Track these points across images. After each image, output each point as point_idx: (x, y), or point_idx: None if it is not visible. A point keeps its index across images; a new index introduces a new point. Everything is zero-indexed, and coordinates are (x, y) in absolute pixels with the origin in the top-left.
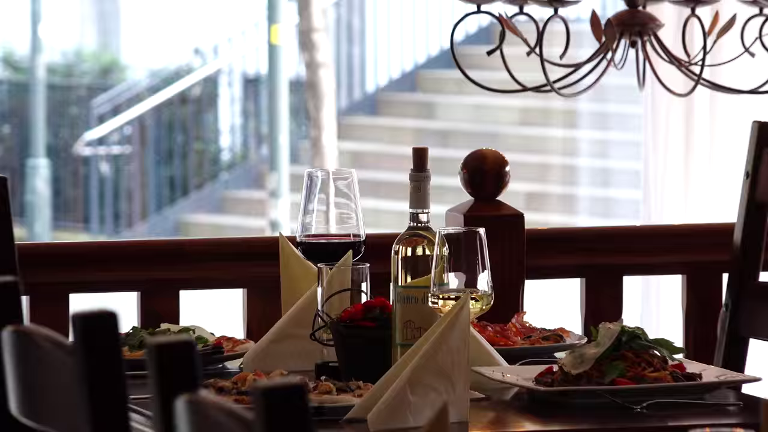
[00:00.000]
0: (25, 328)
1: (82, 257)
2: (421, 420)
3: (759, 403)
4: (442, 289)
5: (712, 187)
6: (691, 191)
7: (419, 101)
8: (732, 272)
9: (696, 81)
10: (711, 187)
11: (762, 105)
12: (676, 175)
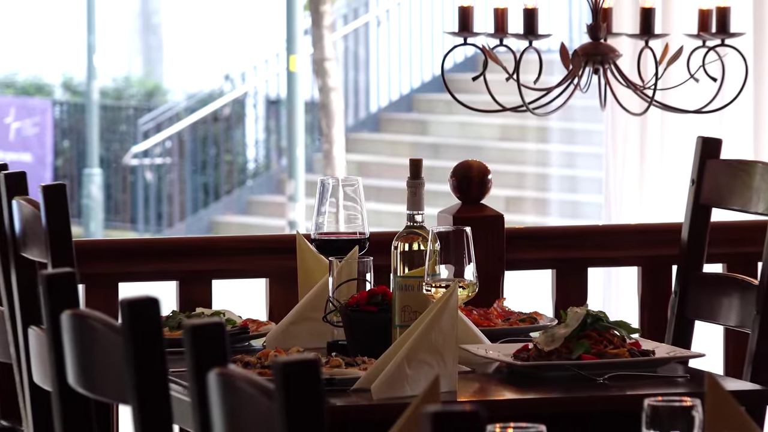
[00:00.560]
0: (80, 311)
1: (130, 252)
2: (416, 390)
3: (703, 375)
4: (434, 279)
5: (663, 192)
6: (645, 196)
7: (414, 119)
8: (680, 264)
9: (649, 102)
10: (662, 192)
11: (705, 123)
12: (633, 182)
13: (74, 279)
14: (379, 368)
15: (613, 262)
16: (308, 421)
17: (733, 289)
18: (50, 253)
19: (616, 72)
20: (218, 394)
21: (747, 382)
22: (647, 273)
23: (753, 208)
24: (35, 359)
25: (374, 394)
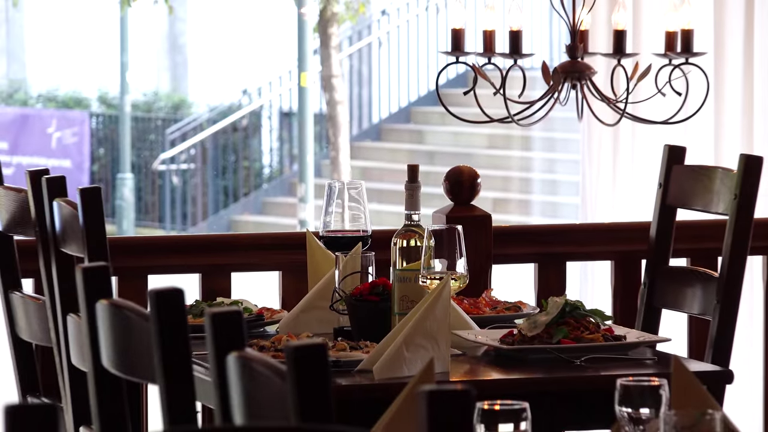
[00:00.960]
0: (114, 301)
1: (157, 247)
2: (413, 370)
3: (670, 358)
4: (429, 272)
5: (634, 194)
6: (618, 197)
7: (412, 130)
8: (649, 259)
9: (621, 114)
10: (632, 194)
11: (671, 132)
12: (606, 185)
13: (108, 272)
14: (380, 351)
15: (589, 257)
16: (317, 398)
17: (696, 281)
18: (87, 248)
19: (591, 87)
20: (236, 375)
21: (708, 364)
22: (619, 266)
23: (714, 209)
24: (73, 343)
25: (376, 374)
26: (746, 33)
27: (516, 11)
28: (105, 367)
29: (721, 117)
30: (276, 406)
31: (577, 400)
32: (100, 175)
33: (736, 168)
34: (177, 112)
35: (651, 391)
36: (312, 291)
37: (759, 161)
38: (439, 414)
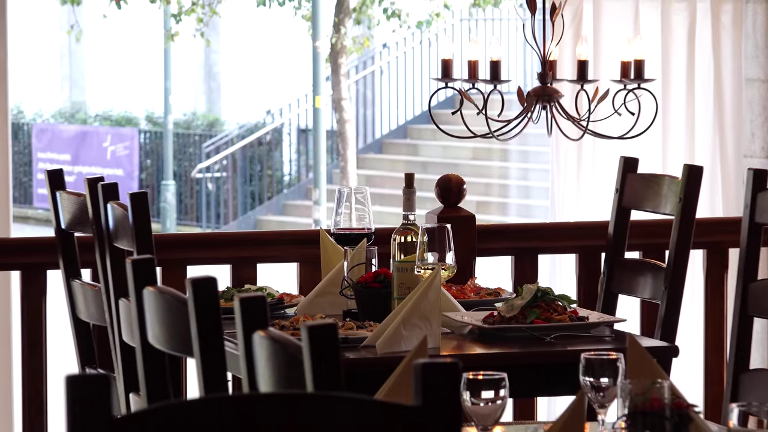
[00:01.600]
0: (158, 288)
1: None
2: (410, 346)
3: (625, 335)
4: (423, 263)
5: (594, 198)
6: (581, 201)
7: (408, 144)
8: (607, 252)
9: (584, 131)
10: (593, 198)
11: (626, 146)
12: (571, 190)
13: (153, 263)
14: (382, 330)
15: (557, 251)
16: (328, 370)
17: (647, 271)
18: (135, 243)
19: (559, 108)
20: (261, 350)
21: (657, 341)
22: (582, 259)
23: (662, 210)
24: (123, 323)
25: (378, 349)
26: (688, 62)
27: (495, 44)
28: (150, 343)
29: (668, 133)
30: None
31: (548, 371)
32: (147, 182)
33: (681, 176)
34: (211, 129)
35: (609, 363)
36: (325, 279)
37: (699, 170)
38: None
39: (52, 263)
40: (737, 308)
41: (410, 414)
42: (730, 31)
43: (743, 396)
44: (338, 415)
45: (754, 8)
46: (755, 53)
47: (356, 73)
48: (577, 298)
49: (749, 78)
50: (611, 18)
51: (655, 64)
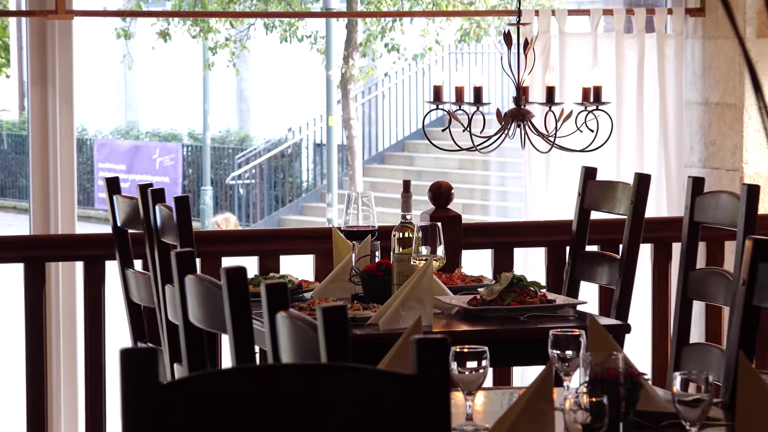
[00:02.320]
0: (197, 276)
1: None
2: (407, 324)
3: (586, 315)
4: (418, 255)
5: (560, 201)
6: (549, 203)
7: (406, 156)
8: (571, 246)
9: (551, 145)
10: (560, 201)
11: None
12: (541, 194)
13: (193, 255)
14: (384, 311)
15: (529, 245)
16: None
17: (605, 262)
18: (179, 239)
19: (531, 126)
20: (283, 328)
21: (613, 320)
22: (551, 251)
23: (616, 211)
24: (169, 305)
25: (381, 327)
26: (638, 88)
27: (478, 73)
28: (191, 321)
29: (621, 146)
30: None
31: (521, 345)
32: (188, 188)
33: (632, 182)
34: (242, 144)
35: (573, 339)
36: (336, 268)
37: (648, 178)
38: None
39: (109, 255)
40: (679, 293)
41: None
42: (673, 62)
43: (684, 366)
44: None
45: (692, 43)
46: (693, 80)
47: (362, 97)
48: (545, 284)
49: (689, 101)
50: (574, 51)
51: (611, 89)
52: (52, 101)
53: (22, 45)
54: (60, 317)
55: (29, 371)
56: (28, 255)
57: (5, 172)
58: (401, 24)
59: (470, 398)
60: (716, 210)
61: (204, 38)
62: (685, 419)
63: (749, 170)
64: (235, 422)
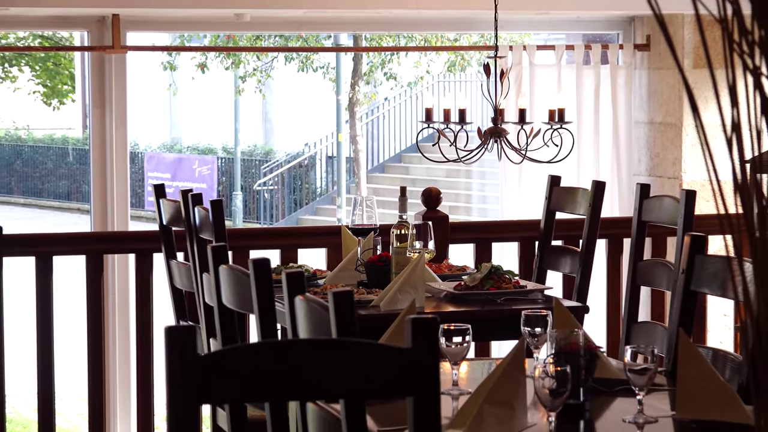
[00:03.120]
0: (230, 266)
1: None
2: (404, 306)
3: (552, 298)
4: (412, 249)
5: (530, 204)
6: (521, 206)
7: (402, 166)
8: (539, 241)
9: (523, 157)
10: (530, 204)
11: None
12: (514, 198)
13: (226, 249)
14: (384, 295)
15: (505, 240)
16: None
17: (568, 254)
18: (214, 235)
19: (506, 142)
20: (301, 309)
21: (574, 302)
22: (522, 245)
23: (577, 212)
24: (206, 290)
25: (381, 308)
26: (595, 110)
27: (462, 98)
28: (224, 303)
29: (581, 158)
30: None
31: (499, 323)
32: (222, 193)
33: (590, 188)
34: (267, 156)
35: (541, 318)
36: (344, 260)
37: (603, 184)
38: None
39: (156, 248)
40: (629, 280)
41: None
42: (624, 88)
43: (633, 341)
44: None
45: (639, 74)
46: (641, 104)
47: (366, 117)
48: (518, 273)
49: (637, 121)
50: (541, 79)
51: (572, 111)
52: (109, 121)
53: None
54: (116, 300)
55: (90, 346)
56: (89, 248)
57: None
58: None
59: (456, 367)
60: (660, 211)
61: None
62: (634, 385)
63: (687, 178)
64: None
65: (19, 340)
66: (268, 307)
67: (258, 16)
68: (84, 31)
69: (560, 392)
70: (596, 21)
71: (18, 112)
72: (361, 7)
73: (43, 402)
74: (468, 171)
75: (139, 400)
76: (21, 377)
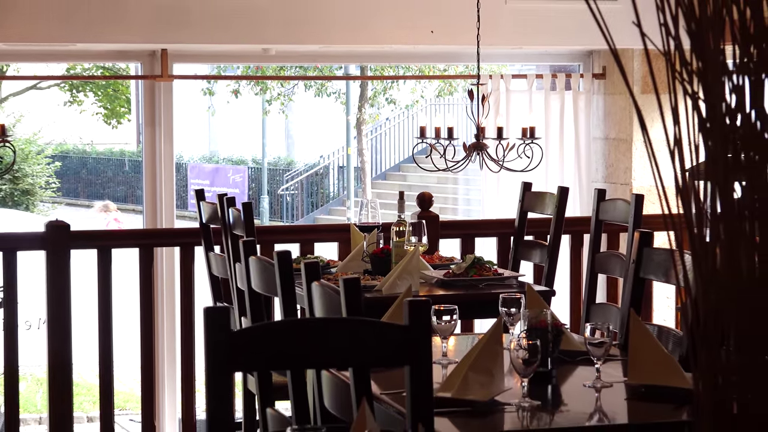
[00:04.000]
0: (258, 257)
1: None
2: (402, 290)
3: (525, 284)
4: (409, 243)
5: (507, 206)
6: (499, 207)
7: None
8: (514, 236)
9: (501, 167)
10: (506, 206)
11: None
12: (493, 201)
13: (255, 243)
14: (385, 281)
15: (486, 236)
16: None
17: (537, 247)
18: (245, 231)
19: (486, 154)
20: (316, 293)
21: (543, 287)
22: (500, 240)
23: (546, 212)
24: (238, 276)
25: (383, 292)
26: (560, 128)
27: (450, 118)
28: (253, 288)
29: (549, 168)
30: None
31: (480, 304)
32: (252, 196)
33: (556, 193)
34: (289, 166)
35: (516, 300)
36: (353, 252)
37: (567, 189)
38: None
39: (197, 242)
40: (588, 268)
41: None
42: (584, 110)
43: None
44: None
45: (596, 98)
46: (597, 123)
47: (371, 134)
48: (497, 262)
49: (594, 137)
50: (516, 103)
51: (541, 129)
52: (158, 137)
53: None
54: (163, 285)
55: (143, 323)
56: (142, 242)
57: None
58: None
59: (445, 341)
60: (614, 211)
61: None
62: (593, 356)
63: (636, 184)
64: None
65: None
66: (289, 291)
67: (282, 51)
68: (138, 63)
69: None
70: (561, 54)
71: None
72: (366, 43)
73: (104, 369)
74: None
75: (183, 368)
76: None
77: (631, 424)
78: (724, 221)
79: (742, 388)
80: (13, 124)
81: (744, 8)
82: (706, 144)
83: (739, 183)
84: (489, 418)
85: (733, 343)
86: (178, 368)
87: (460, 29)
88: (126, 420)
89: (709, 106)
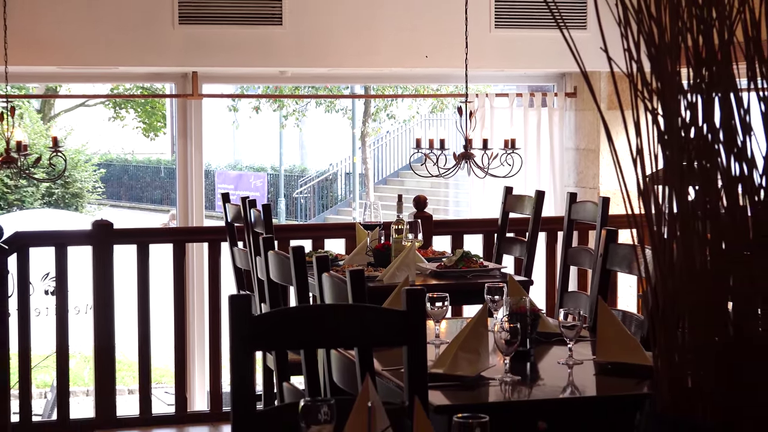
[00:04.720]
0: (276, 251)
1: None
2: (400, 279)
3: (507, 275)
4: (406, 239)
5: (491, 207)
6: (484, 208)
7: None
8: (497, 233)
9: (486, 173)
10: (491, 207)
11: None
12: (480, 203)
13: (273, 239)
14: (386, 272)
15: (473, 233)
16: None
17: (518, 243)
18: (264, 229)
19: (474, 162)
20: (326, 283)
21: (523, 277)
22: (486, 237)
23: (525, 213)
24: (258, 268)
25: (384, 281)
26: (537, 139)
27: (442, 131)
28: (272, 278)
29: (527, 174)
30: (341, 294)
31: (469, 292)
32: (271, 199)
33: (534, 195)
34: (302, 173)
35: (499, 288)
36: (358, 247)
37: (543, 193)
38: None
39: (223, 239)
40: (562, 261)
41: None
42: (558, 124)
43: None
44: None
45: (569, 114)
46: (570, 135)
47: (374, 145)
48: (482, 256)
49: (567, 147)
50: (499, 118)
51: (521, 140)
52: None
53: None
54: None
55: (176, 309)
56: (175, 239)
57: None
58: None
59: (437, 324)
60: (584, 212)
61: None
62: (566, 337)
63: (603, 188)
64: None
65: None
66: (303, 281)
67: (296, 73)
68: (172, 84)
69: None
70: (538, 76)
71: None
72: (370, 66)
73: (143, 348)
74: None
75: (211, 348)
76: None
77: (599, 396)
78: (679, 220)
79: (695, 366)
80: (64, 137)
81: (697, 36)
82: (664, 153)
83: (693, 187)
84: (476, 391)
85: (688, 325)
86: (206, 348)
87: (451, 54)
88: (162, 392)
89: (666, 120)
